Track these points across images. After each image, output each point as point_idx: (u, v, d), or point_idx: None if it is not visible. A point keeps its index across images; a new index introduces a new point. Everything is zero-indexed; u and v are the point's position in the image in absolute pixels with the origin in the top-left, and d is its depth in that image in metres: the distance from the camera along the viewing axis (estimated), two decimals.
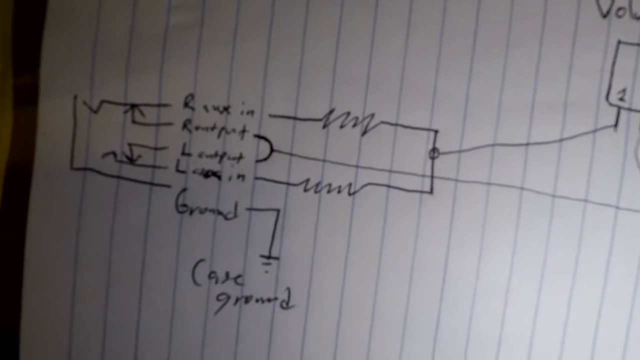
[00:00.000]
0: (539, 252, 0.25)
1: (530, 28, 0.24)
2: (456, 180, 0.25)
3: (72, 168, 0.24)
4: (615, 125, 0.25)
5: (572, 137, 0.25)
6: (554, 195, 0.25)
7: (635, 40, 0.25)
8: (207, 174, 0.25)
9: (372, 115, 0.25)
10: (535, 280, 0.25)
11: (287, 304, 0.25)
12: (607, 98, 0.25)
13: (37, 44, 0.25)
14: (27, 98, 0.25)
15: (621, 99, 0.25)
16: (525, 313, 0.25)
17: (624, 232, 0.25)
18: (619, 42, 0.25)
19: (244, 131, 0.25)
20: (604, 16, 0.24)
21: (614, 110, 0.25)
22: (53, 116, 0.24)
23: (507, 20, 0.24)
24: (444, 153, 0.25)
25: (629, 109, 0.25)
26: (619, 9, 0.25)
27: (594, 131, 0.25)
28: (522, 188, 0.25)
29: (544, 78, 0.25)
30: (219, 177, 0.25)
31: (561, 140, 0.25)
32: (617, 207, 0.25)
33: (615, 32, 0.24)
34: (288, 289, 0.25)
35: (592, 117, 0.25)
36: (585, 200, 0.25)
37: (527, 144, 0.25)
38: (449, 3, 0.24)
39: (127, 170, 0.25)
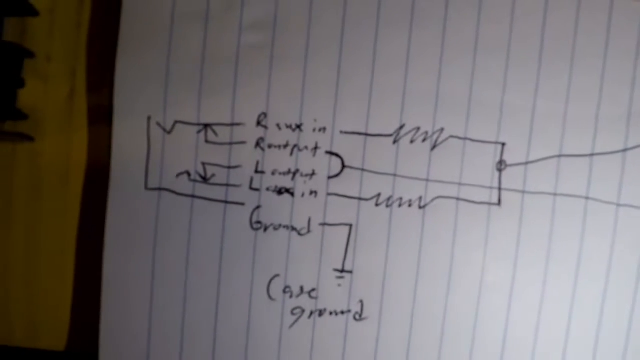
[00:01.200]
0: (603, 261, 0.26)
1: (594, 42, 0.25)
2: (523, 192, 0.25)
3: (147, 188, 0.25)
4: None
5: (636, 146, 0.25)
6: (618, 204, 0.25)
7: None
8: (280, 191, 0.25)
9: (442, 129, 0.25)
10: (599, 288, 0.26)
11: (360, 316, 0.26)
12: None
13: (110, 64, 0.25)
14: (100, 117, 0.26)
15: None
16: (589, 322, 0.26)
17: None
18: None
19: (316, 148, 0.25)
20: None
21: None
22: (127, 137, 0.25)
23: (572, 36, 0.25)
24: (511, 165, 0.25)
25: None
26: None
27: None
28: (587, 198, 0.25)
29: (608, 90, 0.25)
30: (292, 194, 0.25)
31: (625, 150, 0.25)
32: None
33: None
34: (361, 301, 0.26)
35: None
36: None
37: (592, 155, 0.25)
38: (515, 23, 0.25)
39: (201, 190, 0.25)
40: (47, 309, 0.27)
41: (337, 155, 0.25)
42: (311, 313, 0.26)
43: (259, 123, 0.25)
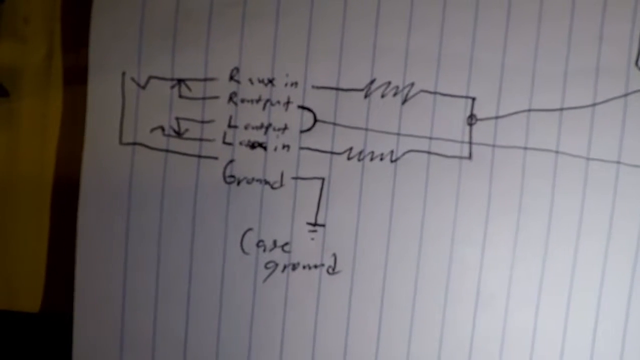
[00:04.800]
0: (574, 214, 0.26)
1: None
2: (494, 146, 0.26)
3: (121, 143, 0.25)
4: None
5: (604, 101, 0.26)
6: (588, 158, 0.26)
7: None
8: (253, 145, 0.25)
9: (412, 84, 0.25)
10: (571, 239, 0.26)
11: (334, 269, 0.26)
12: (636, 63, 0.26)
13: (84, 24, 0.25)
14: (75, 77, 0.26)
15: None
16: (562, 273, 0.26)
17: None
18: None
19: (288, 102, 0.25)
20: None
21: None
22: (102, 93, 0.25)
23: None
24: (481, 119, 0.26)
25: None
26: None
27: (625, 95, 0.26)
28: (557, 152, 0.26)
29: (576, 46, 0.25)
30: (265, 148, 0.25)
31: (594, 104, 0.26)
32: None
33: None
34: (334, 255, 0.26)
35: (623, 81, 0.25)
36: (618, 162, 0.26)
37: (561, 109, 0.26)
38: None
39: (175, 144, 0.25)
40: (22, 270, 0.27)
41: (309, 109, 0.25)
42: (284, 267, 0.26)
43: (231, 78, 0.25)
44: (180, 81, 0.25)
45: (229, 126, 0.25)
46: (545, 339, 0.26)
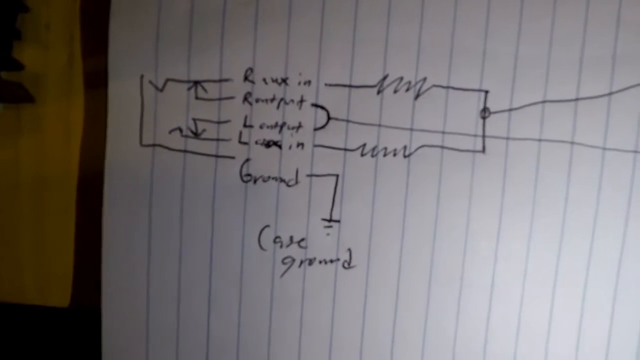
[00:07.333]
0: (590, 205, 0.26)
1: None
2: (507, 139, 0.26)
3: (141, 144, 0.26)
4: None
5: (622, 90, 0.25)
6: (604, 148, 0.25)
7: None
8: (268, 144, 0.26)
9: (425, 79, 0.25)
10: (586, 233, 0.26)
11: (349, 264, 0.26)
12: None
13: (103, 29, 0.26)
14: (95, 81, 0.27)
15: None
16: (578, 266, 0.26)
17: None
18: None
19: (301, 101, 0.26)
20: None
21: None
22: (121, 96, 0.26)
23: None
24: (494, 112, 0.26)
25: None
26: None
27: None
28: (572, 142, 0.26)
29: (592, 33, 0.25)
30: (280, 147, 0.26)
31: (610, 93, 0.25)
32: None
33: None
34: (349, 250, 0.26)
35: None
36: (636, 152, 0.25)
37: (577, 99, 0.25)
38: None
39: (193, 145, 0.26)
40: (51, 266, 0.28)
41: (322, 107, 0.26)
42: (301, 262, 0.26)
43: (246, 78, 0.26)
44: (196, 83, 0.26)
45: (245, 126, 0.26)
46: (560, 331, 0.26)
